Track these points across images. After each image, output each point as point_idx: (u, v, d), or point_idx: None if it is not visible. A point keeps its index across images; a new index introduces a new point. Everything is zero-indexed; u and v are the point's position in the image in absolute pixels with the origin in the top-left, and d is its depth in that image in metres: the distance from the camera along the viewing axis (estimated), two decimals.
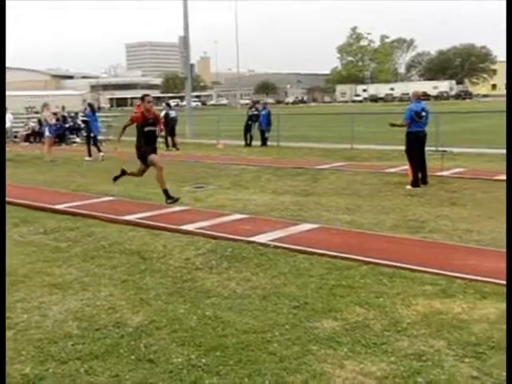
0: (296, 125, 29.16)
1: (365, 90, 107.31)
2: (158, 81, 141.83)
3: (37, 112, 35.74)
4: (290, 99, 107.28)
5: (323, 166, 14.59)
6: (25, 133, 27.57)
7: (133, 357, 4.01)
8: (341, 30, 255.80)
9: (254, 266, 6.08)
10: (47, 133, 18.48)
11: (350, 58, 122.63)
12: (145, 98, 9.86)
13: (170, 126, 21.73)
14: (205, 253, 6.64)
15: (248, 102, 46.94)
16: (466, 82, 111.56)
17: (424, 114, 11.13)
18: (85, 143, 19.52)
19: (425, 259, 6.13)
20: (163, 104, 24.64)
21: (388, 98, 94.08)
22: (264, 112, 22.02)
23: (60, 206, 9.52)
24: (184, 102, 46.38)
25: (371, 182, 11.88)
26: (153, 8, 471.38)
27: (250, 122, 22.15)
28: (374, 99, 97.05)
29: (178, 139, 22.10)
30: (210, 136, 24.59)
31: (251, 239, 7.10)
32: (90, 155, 18.12)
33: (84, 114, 20.98)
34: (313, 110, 62.90)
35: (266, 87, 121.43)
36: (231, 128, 25.44)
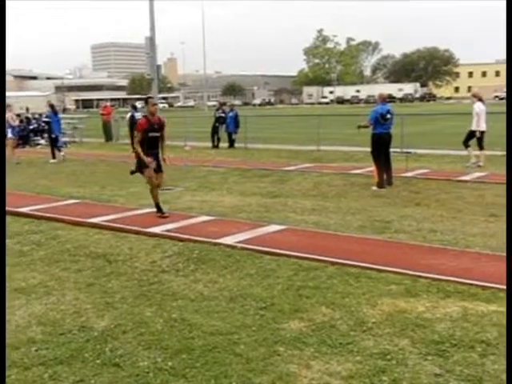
0: (263, 126, 29.21)
1: (331, 92, 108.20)
2: (124, 82, 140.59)
3: None
4: (258, 101, 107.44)
5: (290, 168, 14.66)
6: None
7: (98, 361, 3.97)
8: (308, 32, 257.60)
9: (220, 268, 6.08)
10: (10, 134, 18.13)
11: (316, 61, 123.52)
12: (149, 101, 8.95)
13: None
14: (171, 255, 6.61)
15: (215, 103, 46.90)
16: (430, 84, 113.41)
17: (389, 116, 11.27)
18: (49, 145, 19.23)
19: (390, 259, 6.21)
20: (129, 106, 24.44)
21: (354, 100, 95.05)
22: (231, 114, 22.02)
23: (24, 209, 9.36)
24: None
25: (337, 183, 11.98)
26: (119, 9, 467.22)
27: (217, 124, 22.13)
28: (341, 101, 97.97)
29: None
30: (177, 138, 24.45)
31: (218, 241, 7.09)
32: (54, 157, 17.86)
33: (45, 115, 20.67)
34: (280, 112, 63.14)
35: (233, 89, 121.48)
36: (198, 130, 25.35)
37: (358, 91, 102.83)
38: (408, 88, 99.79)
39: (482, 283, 5.30)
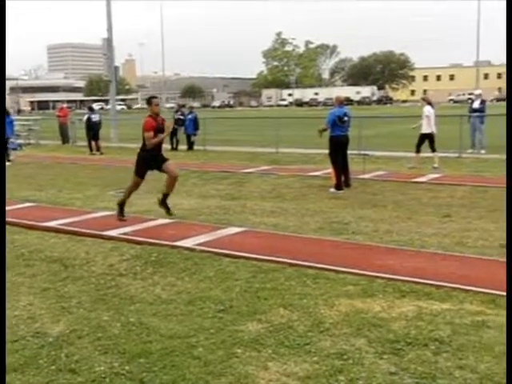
0: (222, 129, 29.21)
1: (290, 95, 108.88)
2: (81, 83, 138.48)
3: None
4: (217, 103, 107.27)
5: (249, 170, 14.69)
6: None
7: (53, 367, 3.90)
8: (267, 35, 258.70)
9: (179, 271, 6.05)
10: None
11: (275, 63, 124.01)
12: (152, 101, 8.49)
13: (93, 130, 21.35)
14: (129, 259, 6.55)
15: (174, 105, 46.58)
16: (387, 87, 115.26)
17: (346, 118, 11.41)
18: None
19: (347, 260, 6.29)
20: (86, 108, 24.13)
21: (313, 103, 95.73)
22: (190, 116, 21.95)
23: None
24: (109, 106, 45.52)
25: (296, 186, 12.06)
26: (77, 9, 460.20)
27: (175, 126, 21.99)
28: (300, 103, 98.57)
29: (101, 143, 21.68)
30: (135, 140, 24.18)
31: (177, 244, 7.06)
32: (8, 160, 17.47)
33: None
34: (239, 114, 63.19)
35: (192, 91, 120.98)
36: None
37: (316, 94, 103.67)
38: (365, 91, 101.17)
39: (436, 282, 5.42)
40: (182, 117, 22.11)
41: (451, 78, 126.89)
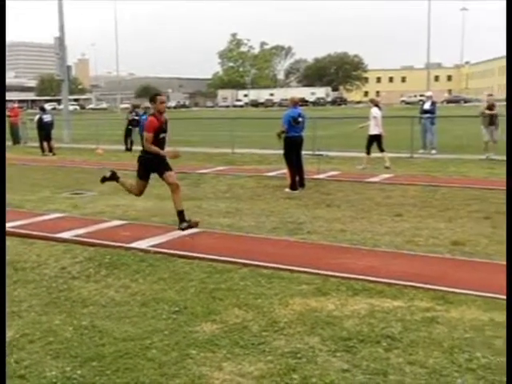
0: (178, 129, 28.99)
1: (246, 95, 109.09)
2: (32, 83, 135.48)
3: None
4: (172, 103, 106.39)
5: (205, 171, 14.66)
6: None
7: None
8: (222, 35, 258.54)
9: (133, 273, 5.99)
10: None
11: (230, 64, 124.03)
12: (157, 99, 7.87)
13: (45, 130, 20.93)
14: (82, 261, 6.45)
15: (128, 106, 46.03)
16: (341, 88, 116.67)
17: (301, 119, 11.50)
18: None
19: (302, 260, 6.34)
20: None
21: (268, 103, 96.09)
22: (145, 116, 21.66)
23: None
24: (61, 106, 44.70)
25: (251, 186, 12.10)
26: (29, 7, 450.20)
27: (130, 127, 21.78)
28: (255, 104, 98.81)
29: (54, 144, 21.28)
30: (88, 141, 23.92)
31: (131, 245, 6.99)
32: None
33: None
34: (195, 115, 62.93)
35: (147, 91, 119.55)
36: (111, 132, 24.90)
37: (271, 95, 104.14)
38: (320, 92, 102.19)
39: (388, 280, 5.52)
40: (136, 117, 21.87)
41: (403, 79, 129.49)
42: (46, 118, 21.36)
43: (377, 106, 14.64)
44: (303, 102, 75.86)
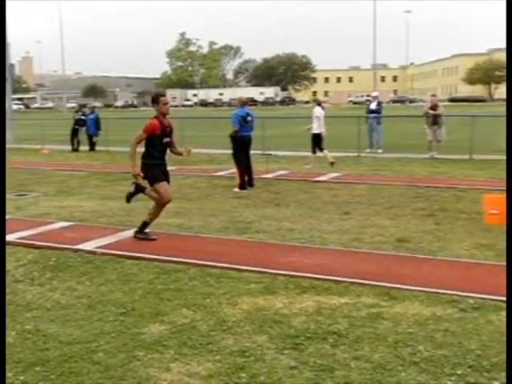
0: (126, 129, 28.61)
1: (195, 95, 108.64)
2: None
3: None
4: (120, 103, 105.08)
5: None
6: None
7: None
8: (171, 34, 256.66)
9: (79, 275, 5.89)
10: None
11: (179, 63, 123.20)
12: (160, 99, 7.20)
13: None
14: (26, 264, 6.30)
15: (75, 105, 45.20)
16: (290, 88, 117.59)
17: (250, 118, 11.53)
18: None
19: (251, 259, 6.37)
20: None
21: (217, 103, 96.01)
22: (92, 116, 21.41)
23: None
24: None
25: (200, 186, 12.06)
26: None
27: (76, 127, 21.43)
28: (204, 104, 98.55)
29: None
30: (33, 141, 23.36)
31: (77, 247, 6.87)
32: None
33: None
34: (143, 115, 62.11)
35: (94, 91, 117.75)
36: (57, 132, 24.38)
37: (221, 94, 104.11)
38: (269, 92, 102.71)
39: (335, 278, 5.60)
40: (83, 117, 21.55)
41: (350, 80, 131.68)
42: None
43: (319, 105, 14.77)
44: (252, 101, 76.16)
